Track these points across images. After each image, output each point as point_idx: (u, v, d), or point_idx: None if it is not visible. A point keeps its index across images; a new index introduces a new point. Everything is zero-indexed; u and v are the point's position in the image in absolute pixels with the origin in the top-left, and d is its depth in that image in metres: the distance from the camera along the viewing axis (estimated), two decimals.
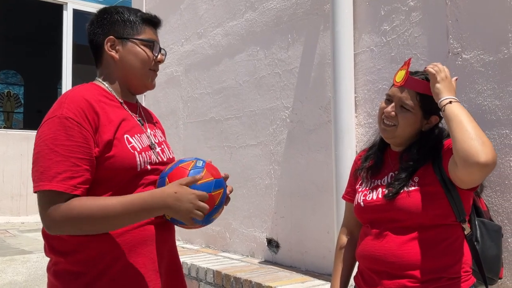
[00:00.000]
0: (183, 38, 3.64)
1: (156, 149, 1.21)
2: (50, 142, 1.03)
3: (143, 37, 1.20)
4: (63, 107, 1.07)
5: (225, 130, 3.14)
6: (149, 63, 1.21)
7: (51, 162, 1.02)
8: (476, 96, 1.74)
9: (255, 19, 2.91)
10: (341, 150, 2.19)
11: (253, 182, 2.89)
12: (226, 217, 3.06)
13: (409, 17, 2.01)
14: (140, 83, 1.22)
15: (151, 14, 1.24)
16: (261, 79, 2.85)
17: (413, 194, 1.21)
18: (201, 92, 3.40)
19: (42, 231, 1.14)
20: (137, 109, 1.25)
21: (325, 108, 2.42)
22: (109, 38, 1.18)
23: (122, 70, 1.19)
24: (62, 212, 1.01)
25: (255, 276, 2.35)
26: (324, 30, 2.43)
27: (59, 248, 1.10)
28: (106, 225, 1.05)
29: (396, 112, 1.29)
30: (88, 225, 1.03)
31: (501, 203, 1.63)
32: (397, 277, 1.20)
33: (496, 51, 1.67)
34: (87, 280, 1.07)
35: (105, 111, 1.12)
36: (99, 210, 1.02)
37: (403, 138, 1.31)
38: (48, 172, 1.01)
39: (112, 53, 1.18)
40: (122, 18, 1.19)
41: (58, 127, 1.04)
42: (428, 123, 1.31)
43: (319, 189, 2.44)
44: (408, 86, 1.28)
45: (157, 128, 1.31)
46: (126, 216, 1.04)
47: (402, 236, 1.22)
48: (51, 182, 1.01)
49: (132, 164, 1.12)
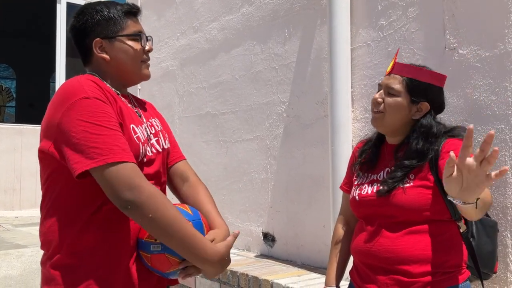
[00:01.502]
0: (178, 32, 3.62)
1: (152, 140, 1.21)
2: (93, 119, 1.02)
3: (128, 31, 1.19)
4: (85, 89, 1.06)
5: (221, 124, 3.14)
6: (139, 56, 1.20)
7: (106, 136, 1.02)
8: (472, 91, 1.75)
9: (251, 13, 2.91)
10: (338, 145, 2.20)
11: (249, 176, 2.89)
12: (222, 211, 3.01)
13: (406, 12, 2.02)
14: (134, 76, 1.23)
15: (129, 5, 1.23)
16: (258, 74, 2.85)
17: (408, 191, 1.21)
18: (197, 87, 3.39)
19: (40, 225, 1.14)
20: (130, 100, 1.25)
21: (321, 103, 2.42)
22: (96, 40, 1.17)
23: (115, 68, 1.19)
24: (149, 192, 1.02)
25: (252, 270, 2.36)
26: (321, 24, 2.43)
27: (55, 241, 1.09)
28: (164, 232, 1.05)
29: (383, 99, 1.28)
30: (154, 221, 1.03)
31: (496, 197, 1.65)
32: (392, 272, 1.20)
33: (492, 46, 1.69)
34: (84, 273, 1.07)
35: (111, 96, 1.12)
36: (171, 218, 1.04)
37: (393, 125, 1.29)
38: (108, 145, 1.01)
39: (103, 55, 1.18)
40: (103, 17, 1.18)
41: (93, 104, 1.04)
42: (419, 110, 1.28)
43: (315, 184, 2.45)
44: (395, 72, 1.29)
45: (153, 117, 1.31)
46: (180, 240, 1.05)
47: (397, 231, 1.22)
48: (115, 154, 1.01)
49: (136, 155, 1.11)
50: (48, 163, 1.11)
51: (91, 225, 1.08)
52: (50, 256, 1.10)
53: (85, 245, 1.07)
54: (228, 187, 3.06)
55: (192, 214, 1.15)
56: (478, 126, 1.73)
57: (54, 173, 1.10)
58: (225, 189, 3.08)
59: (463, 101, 1.78)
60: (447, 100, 1.82)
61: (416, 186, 1.21)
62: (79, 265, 1.07)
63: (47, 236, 1.11)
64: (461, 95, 1.79)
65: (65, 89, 1.09)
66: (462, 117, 1.77)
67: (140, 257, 1.12)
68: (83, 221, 1.08)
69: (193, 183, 1.33)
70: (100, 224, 1.08)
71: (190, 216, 1.14)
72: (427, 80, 1.28)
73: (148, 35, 1.25)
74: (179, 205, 1.19)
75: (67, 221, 1.09)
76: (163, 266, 1.09)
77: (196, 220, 1.14)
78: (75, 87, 1.07)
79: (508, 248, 1.62)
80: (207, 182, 1.44)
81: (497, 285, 1.64)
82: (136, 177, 1.02)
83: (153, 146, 1.21)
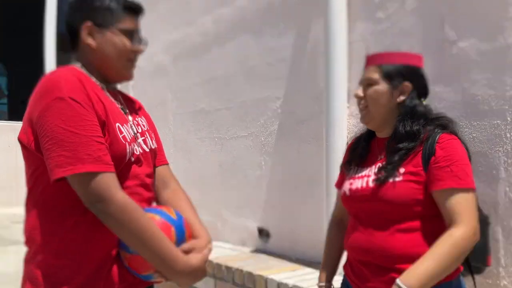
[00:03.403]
0: (171, 25, 3.56)
1: (139, 139, 1.19)
2: (65, 124, 1.00)
3: (123, 26, 1.16)
4: (62, 88, 1.02)
5: (216, 121, 3.10)
6: (127, 54, 1.17)
7: (77, 144, 0.99)
8: (471, 85, 1.73)
9: (246, 6, 2.86)
10: (332, 141, 2.19)
11: (244, 173, 2.87)
12: (217, 207, 3.05)
13: (404, 5, 1.99)
14: (116, 73, 1.19)
15: (133, 1, 1.20)
16: (252, 69, 2.81)
17: (398, 185, 1.19)
18: (191, 82, 3.34)
19: (25, 222, 1.11)
20: (117, 96, 1.22)
21: (317, 99, 2.40)
22: (87, 25, 1.14)
23: (99, 59, 1.15)
24: (119, 202, 1.02)
25: (247, 265, 2.36)
26: (317, 18, 2.39)
27: (41, 240, 1.07)
28: (134, 241, 1.05)
29: (364, 92, 1.29)
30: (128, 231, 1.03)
31: (488, 192, 1.65)
32: (386, 270, 1.19)
33: (492, 39, 1.67)
34: (68, 273, 1.06)
35: (95, 93, 1.09)
36: (140, 229, 1.03)
37: (380, 116, 1.27)
38: (78, 154, 0.99)
39: (89, 41, 1.14)
40: (102, 5, 1.15)
41: (67, 108, 1.01)
42: (402, 92, 1.26)
43: (310, 180, 2.43)
44: (369, 64, 1.31)
45: (140, 115, 1.27)
46: (149, 250, 1.04)
47: (389, 228, 1.20)
48: (84, 164, 0.99)
49: (122, 155, 1.09)
50: (32, 160, 1.09)
51: (79, 225, 1.07)
52: (34, 254, 1.08)
53: (72, 246, 1.06)
54: (223, 184, 3.03)
55: (175, 218, 1.13)
56: (474, 122, 1.72)
57: (38, 170, 1.08)
58: (220, 185, 3.05)
59: (460, 96, 1.77)
60: (444, 94, 1.82)
61: (406, 181, 1.19)
62: (63, 266, 1.06)
63: (32, 234, 1.09)
64: (458, 89, 1.77)
65: (44, 84, 1.06)
66: (458, 113, 1.76)
67: (120, 256, 1.11)
68: (71, 221, 1.06)
69: (174, 189, 1.30)
70: (88, 225, 1.07)
71: (173, 220, 1.12)
72: (401, 61, 1.28)
73: (144, 37, 1.21)
74: (164, 208, 1.17)
75: (54, 220, 1.07)
76: (140, 268, 1.09)
77: (179, 226, 1.12)
78: (53, 83, 1.04)
79: (499, 243, 1.63)
80: (202, 179, 1.41)
81: (490, 279, 1.65)
82: (103, 189, 1.00)
83: (140, 145, 1.18)
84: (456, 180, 1.15)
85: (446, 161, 1.16)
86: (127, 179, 1.11)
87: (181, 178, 1.36)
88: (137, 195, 1.12)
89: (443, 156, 1.17)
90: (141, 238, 1.03)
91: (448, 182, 1.15)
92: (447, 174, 1.15)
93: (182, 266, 1.07)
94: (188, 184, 1.31)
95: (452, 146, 1.19)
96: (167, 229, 1.09)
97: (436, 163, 1.17)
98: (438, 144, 1.19)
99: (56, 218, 1.07)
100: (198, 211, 1.29)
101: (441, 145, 1.18)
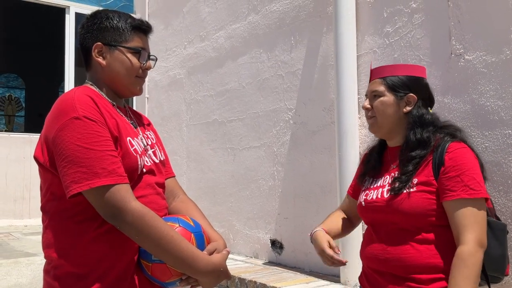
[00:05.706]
0: (186, 41, 3.66)
1: (149, 151, 1.23)
2: (81, 142, 1.04)
3: (131, 45, 1.21)
4: (77, 108, 1.08)
5: (228, 132, 3.15)
6: (135, 71, 1.22)
7: (92, 160, 1.04)
8: (479, 96, 1.75)
9: (257, 21, 2.93)
10: (345, 151, 2.20)
11: (257, 183, 2.90)
12: (229, 219, 3.06)
13: (412, 19, 2.03)
14: (126, 89, 1.24)
15: (141, 21, 1.25)
16: (264, 81, 2.87)
17: (413, 196, 1.20)
18: (204, 95, 3.41)
19: (43, 235, 1.14)
20: (126, 112, 1.27)
21: (328, 110, 2.43)
22: (97, 44, 1.19)
23: (109, 76, 1.21)
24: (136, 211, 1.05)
25: (260, 277, 2.36)
26: (327, 32, 2.44)
27: (60, 252, 1.09)
28: (154, 248, 1.07)
29: (371, 103, 1.33)
30: (148, 238, 1.06)
31: (504, 202, 1.64)
32: (401, 279, 1.20)
33: (498, 52, 1.69)
34: (89, 282, 1.08)
35: (107, 110, 1.14)
36: (159, 235, 1.06)
37: (388, 125, 1.31)
38: (94, 169, 1.03)
39: (99, 60, 1.20)
40: (111, 25, 1.20)
41: (83, 126, 1.06)
42: (407, 103, 1.30)
43: (323, 190, 2.45)
44: (374, 77, 1.35)
45: (148, 130, 1.33)
46: (170, 254, 1.07)
47: (404, 238, 1.22)
48: (100, 178, 1.03)
49: (135, 167, 1.13)
50: (48, 176, 1.12)
51: (98, 236, 1.09)
52: (55, 265, 1.11)
53: (92, 256, 1.09)
54: (236, 195, 3.05)
55: (194, 226, 1.16)
56: (486, 132, 1.73)
57: (52, 185, 1.11)
58: (232, 196, 3.07)
59: (470, 107, 1.78)
60: (454, 105, 1.84)
61: (420, 191, 1.21)
62: (84, 276, 1.08)
63: (51, 246, 1.12)
64: (467, 100, 1.79)
65: (59, 105, 1.11)
66: (469, 123, 1.77)
67: (141, 265, 1.13)
68: (90, 232, 1.09)
69: (183, 199, 1.34)
70: (107, 235, 1.09)
71: (192, 227, 1.15)
72: (404, 73, 1.32)
73: (152, 54, 1.27)
74: (181, 216, 1.20)
75: (74, 233, 1.10)
76: (163, 275, 1.10)
77: (198, 232, 1.15)
78: (68, 104, 1.09)
79: None
80: (214, 190, 1.45)
81: None
82: (119, 200, 1.04)
83: (151, 157, 1.23)
84: (467, 190, 1.15)
85: (456, 170, 1.17)
86: (142, 189, 1.16)
87: (194, 189, 1.40)
88: (154, 204, 1.16)
89: (452, 166, 1.18)
90: (161, 243, 1.05)
91: (459, 192, 1.16)
92: (457, 184, 1.16)
93: (205, 264, 1.10)
94: (200, 195, 1.33)
95: (461, 155, 1.19)
96: (187, 236, 1.12)
97: (445, 174, 1.18)
98: (447, 153, 1.20)
99: (75, 232, 1.09)
100: (210, 222, 1.32)
101: (450, 155, 1.19)
